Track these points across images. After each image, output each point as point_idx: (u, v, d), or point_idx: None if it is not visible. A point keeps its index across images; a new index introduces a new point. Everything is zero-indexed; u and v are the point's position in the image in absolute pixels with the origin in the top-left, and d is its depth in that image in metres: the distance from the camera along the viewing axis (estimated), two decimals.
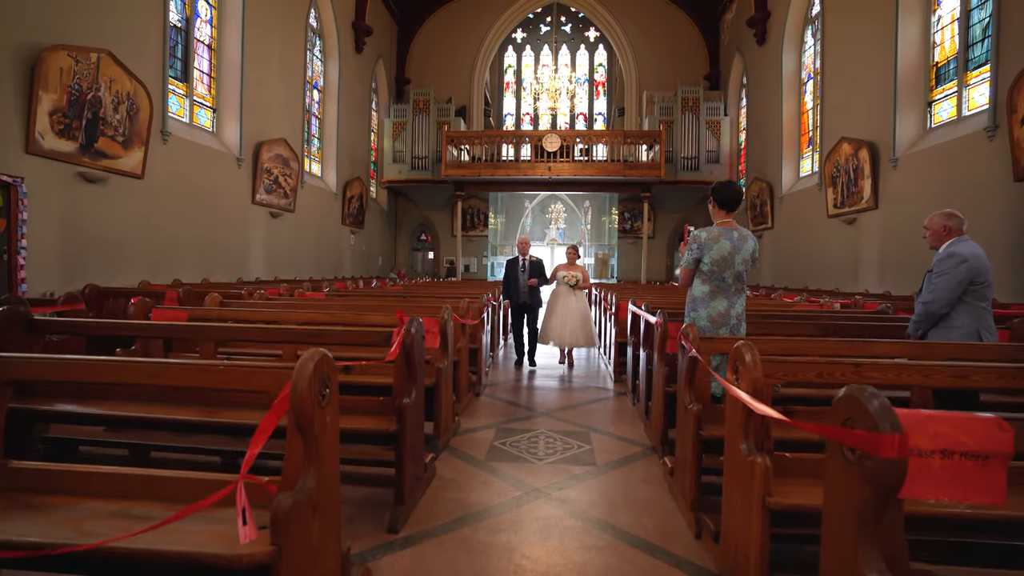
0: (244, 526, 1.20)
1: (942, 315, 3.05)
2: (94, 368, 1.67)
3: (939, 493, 1.13)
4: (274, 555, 1.25)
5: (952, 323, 3.04)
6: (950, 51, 8.73)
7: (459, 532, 2.33)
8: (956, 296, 3.00)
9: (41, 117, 6.43)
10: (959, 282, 2.99)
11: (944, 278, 3.01)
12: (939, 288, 3.00)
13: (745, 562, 1.76)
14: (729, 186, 3.12)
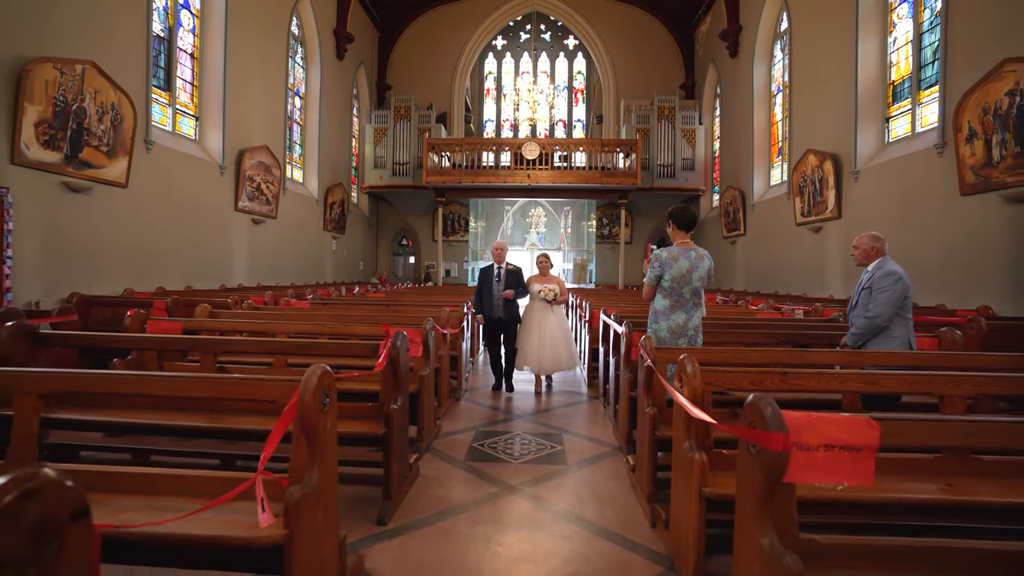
0: (263, 513, 1.45)
1: (882, 328, 3.41)
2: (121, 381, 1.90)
3: (823, 478, 1.44)
4: (287, 537, 1.51)
5: (891, 334, 3.39)
6: (905, 71, 9.27)
7: (441, 524, 2.59)
8: (895, 310, 3.36)
9: (26, 128, 6.51)
10: (898, 297, 3.35)
11: (885, 294, 3.36)
12: (883, 303, 3.35)
13: (687, 544, 2.06)
14: (685, 210, 3.45)
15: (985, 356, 2.83)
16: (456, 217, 20.59)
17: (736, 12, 15.44)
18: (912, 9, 9.04)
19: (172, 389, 1.90)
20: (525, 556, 2.34)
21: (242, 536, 1.47)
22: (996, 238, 6.82)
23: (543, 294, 5.54)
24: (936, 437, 1.66)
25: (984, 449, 2.10)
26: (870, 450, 1.44)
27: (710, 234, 17.81)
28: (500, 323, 5.63)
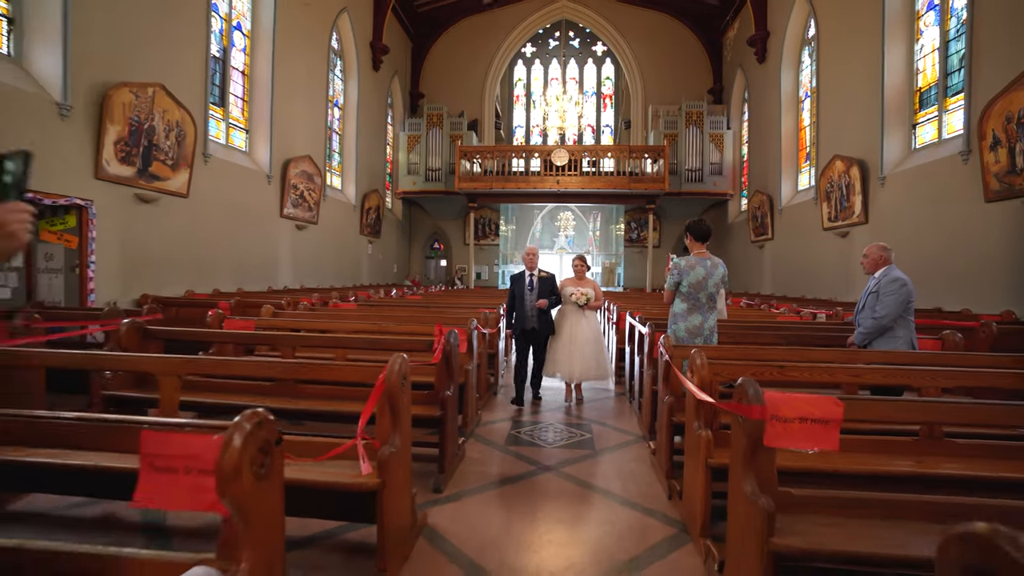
0: (365, 463, 1.92)
1: (888, 328, 3.74)
2: (245, 365, 2.41)
3: (796, 444, 1.84)
4: (380, 485, 1.98)
5: (895, 335, 3.72)
6: (931, 78, 9.37)
7: (486, 494, 3.05)
8: (899, 312, 3.69)
9: (107, 146, 7.26)
10: (902, 301, 3.68)
11: (891, 297, 3.69)
12: (889, 306, 3.68)
13: (696, 508, 2.46)
14: (701, 224, 3.84)
15: (977, 356, 3.14)
16: (487, 221, 21.13)
17: (764, 18, 15.57)
18: (939, 17, 9.14)
19: (287, 372, 2.40)
20: (559, 520, 2.77)
21: (349, 482, 1.94)
22: (1020, 244, 6.94)
23: (575, 298, 5.20)
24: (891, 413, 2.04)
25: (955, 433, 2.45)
26: (836, 422, 1.83)
27: (738, 238, 17.91)
28: (533, 334, 5.27)
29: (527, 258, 5.50)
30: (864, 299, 3.85)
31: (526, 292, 5.29)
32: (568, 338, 5.26)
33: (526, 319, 5.25)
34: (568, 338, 5.26)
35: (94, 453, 1.82)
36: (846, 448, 2.33)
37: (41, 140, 6.42)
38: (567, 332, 5.29)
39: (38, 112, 6.43)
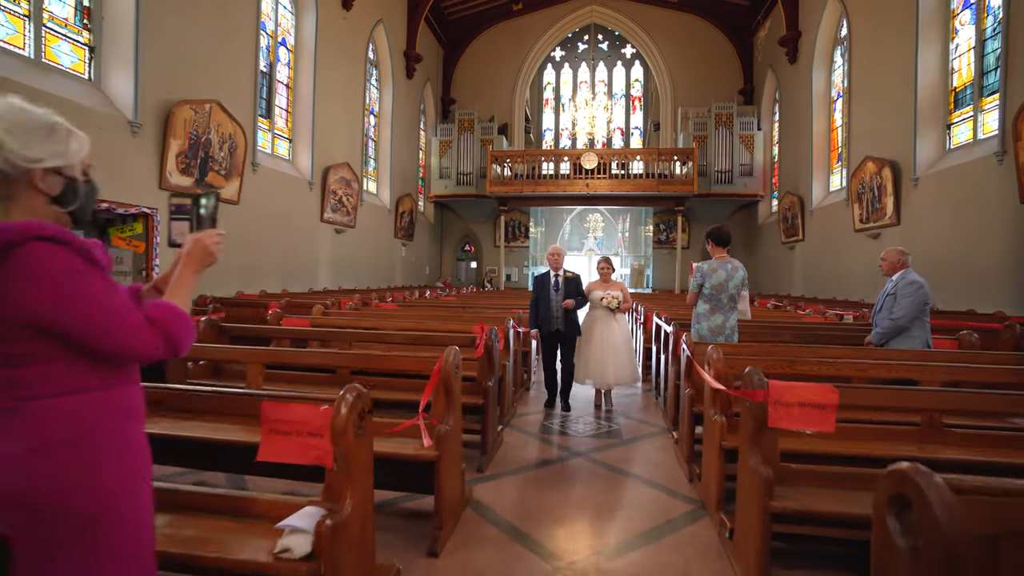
0: (426, 438, 2.29)
1: (905, 328, 3.94)
2: (320, 356, 2.82)
3: (797, 426, 2.13)
4: (438, 456, 2.34)
5: (911, 335, 3.93)
6: (967, 77, 9.31)
7: (523, 474, 3.39)
8: (916, 313, 3.90)
9: (170, 159, 7.89)
10: (919, 302, 3.89)
11: (909, 300, 3.90)
12: (906, 307, 3.89)
13: (712, 487, 2.75)
14: (721, 230, 4.11)
15: (981, 354, 3.33)
16: (517, 224, 21.49)
17: (795, 19, 15.51)
18: (974, 16, 9.09)
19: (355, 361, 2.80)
20: (589, 496, 3.09)
21: (415, 453, 2.31)
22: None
23: (606, 301, 5.05)
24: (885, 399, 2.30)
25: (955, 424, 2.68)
26: (832, 407, 2.11)
27: (768, 239, 17.83)
28: (558, 336, 5.15)
29: (551, 258, 5.35)
30: (882, 301, 4.05)
31: (551, 293, 5.14)
32: (599, 343, 5.10)
33: (551, 320, 5.10)
34: (599, 343, 5.10)
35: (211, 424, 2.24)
36: (850, 436, 2.58)
37: (116, 155, 7.06)
38: (598, 336, 5.12)
39: (113, 130, 7.07)
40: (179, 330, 1.19)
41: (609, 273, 5.35)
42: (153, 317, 1.16)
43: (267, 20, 10.84)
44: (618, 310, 5.11)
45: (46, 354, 1.09)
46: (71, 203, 1.21)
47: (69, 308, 1.07)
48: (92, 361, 1.13)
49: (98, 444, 1.14)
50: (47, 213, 1.16)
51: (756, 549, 2.04)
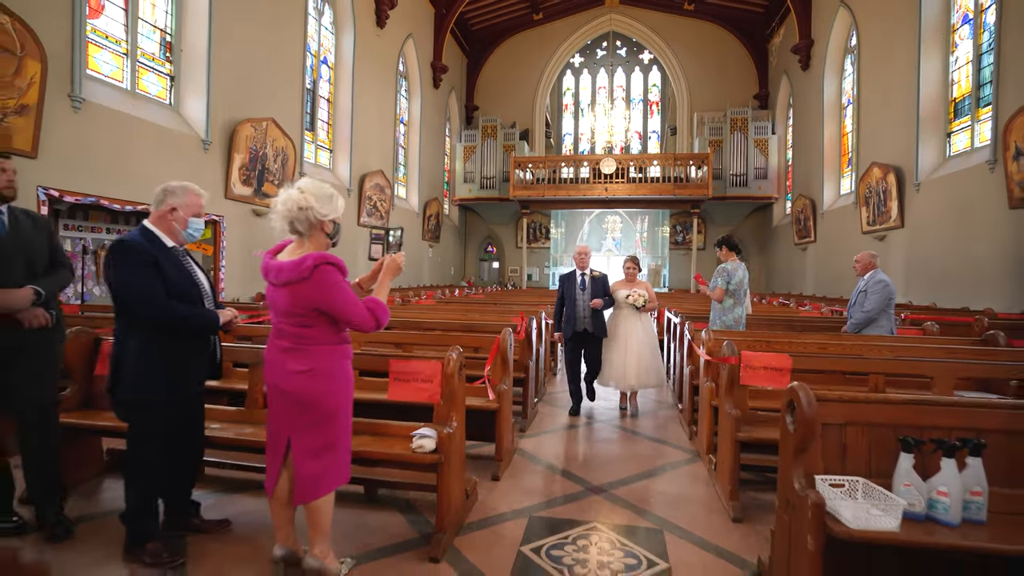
0: (491, 392, 3.15)
1: (873, 320, 4.70)
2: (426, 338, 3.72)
3: (761, 383, 2.95)
4: (499, 407, 3.20)
5: (880, 324, 4.68)
6: (965, 89, 9.90)
7: (555, 434, 4.25)
8: (883, 307, 4.65)
9: (234, 172, 8.91)
10: (886, 298, 4.65)
11: (877, 296, 4.66)
12: (876, 302, 4.65)
13: (704, 437, 3.56)
14: (731, 237, 4.98)
15: (938, 339, 4.08)
16: (538, 225, 22.33)
17: (808, 27, 16.07)
18: (972, 31, 9.68)
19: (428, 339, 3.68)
20: (609, 448, 3.93)
21: (481, 404, 3.17)
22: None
23: (631, 299, 4.95)
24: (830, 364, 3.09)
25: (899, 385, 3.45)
26: (786, 370, 2.92)
27: (782, 241, 18.40)
28: (585, 337, 5.01)
29: (578, 257, 5.21)
30: (855, 297, 4.81)
31: (577, 292, 5.02)
32: (623, 343, 4.98)
33: (577, 320, 4.97)
34: (623, 343, 4.98)
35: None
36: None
37: (191, 170, 8.07)
38: (622, 337, 5.02)
39: (189, 147, 8.09)
40: (381, 314, 2.08)
41: (635, 272, 5.25)
42: (369, 307, 2.05)
43: (311, 41, 11.85)
44: (643, 309, 5.01)
45: (320, 323, 2.00)
46: (335, 237, 2.11)
47: (335, 302, 1.97)
48: (338, 328, 2.04)
49: (338, 371, 2.05)
50: (324, 244, 2.07)
51: (729, 470, 2.86)
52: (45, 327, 2.47)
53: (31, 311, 2.40)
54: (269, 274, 2.07)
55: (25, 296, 2.36)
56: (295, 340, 2.03)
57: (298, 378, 2.00)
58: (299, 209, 2.04)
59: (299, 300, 1.99)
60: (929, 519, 1.76)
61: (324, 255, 2.00)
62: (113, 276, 2.13)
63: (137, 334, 2.14)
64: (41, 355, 2.50)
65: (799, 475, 1.89)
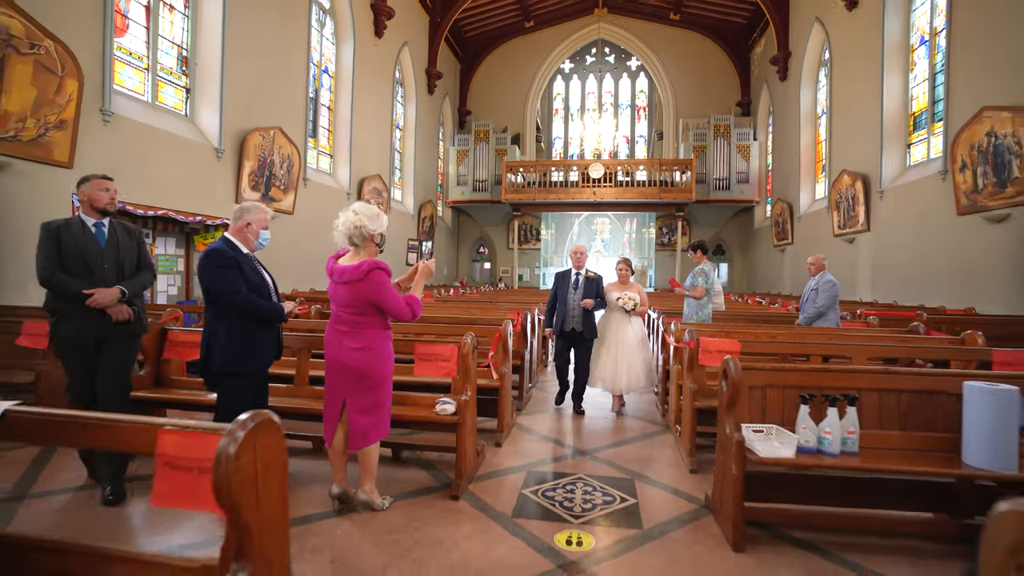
0: (495, 372, 3.80)
1: (823, 314, 5.41)
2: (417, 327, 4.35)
3: (715, 363, 3.63)
4: (501, 385, 3.85)
5: (828, 318, 5.41)
6: (923, 104, 10.72)
7: (547, 414, 4.90)
8: (831, 304, 5.38)
9: (244, 178, 9.46)
10: (834, 296, 5.37)
11: (826, 293, 5.38)
12: (825, 299, 5.37)
13: (673, 411, 4.24)
14: (704, 243, 5.65)
15: (874, 329, 4.79)
16: (528, 227, 23.00)
17: (786, 39, 16.91)
18: (928, 51, 10.50)
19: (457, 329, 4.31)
20: (593, 426, 4.59)
21: (486, 383, 3.82)
22: (983, 251, 8.33)
23: (622, 302, 4.94)
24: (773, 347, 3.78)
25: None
26: (736, 352, 3.61)
27: (762, 242, 19.23)
28: (574, 337, 5.03)
29: (574, 256, 5.21)
30: (807, 294, 5.54)
31: (570, 291, 5.03)
32: (614, 346, 5.00)
33: (567, 319, 5.01)
34: (614, 346, 5.00)
35: None
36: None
37: (205, 176, 8.64)
38: (612, 339, 5.03)
39: (203, 156, 8.65)
40: (417, 308, 2.73)
41: (627, 275, 5.24)
42: (408, 301, 2.70)
43: (314, 52, 12.41)
44: (633, 312, 5.00)
45: (371, 312, 2.65)
46: (382, 247, 2.74)
47: (383, 297, 2.62)
48: (384, 317, 2.69)
49: (384, 349, 2.70)
50: (374, 252, 2.71)
51: (689, 434, 3.54)
52: (128, 321, 3.06)
53: (117, 307, 2.99)
54: (334, 275, 2.71)
55: (113, 294, 2.95)
56: (351, 325, 2.68)
57: (354, 353, 2.65)
58: (355, 227, 2.68)
59: (356, 295, 2.63)
60: (818, 451, 2.44)
61: (376, 261, 2.64)
62: (206, 276, 2.74)
63: (224, 321, 2.75)
64: (122, 345, 3.09)
65: (730, 423, 2.57)
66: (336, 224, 2.74)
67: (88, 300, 2.82)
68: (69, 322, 2.86)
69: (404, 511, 2.82)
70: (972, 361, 3.63)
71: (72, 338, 2.86)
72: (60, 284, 2.82)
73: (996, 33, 8.12)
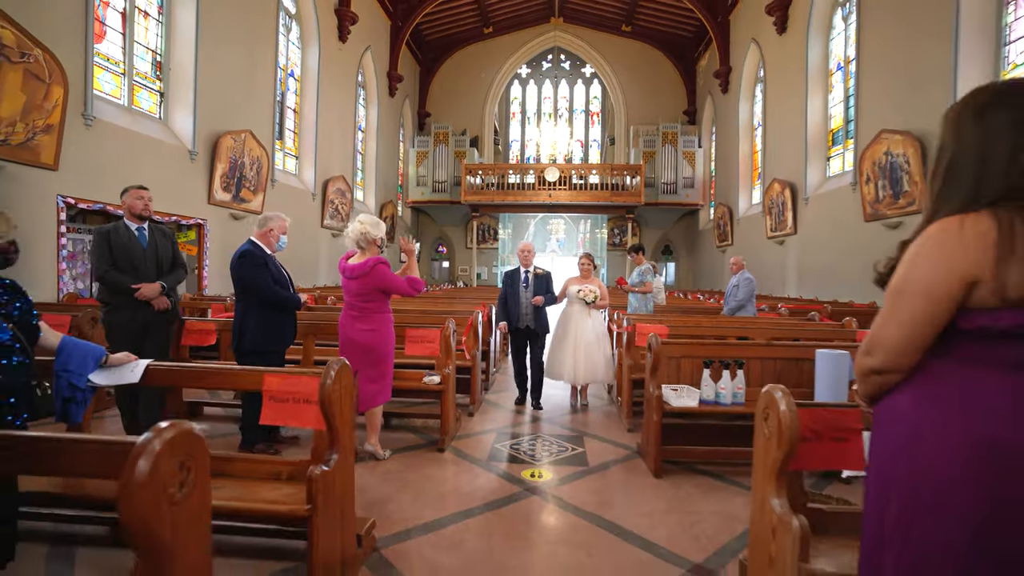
0: (467, 353, 4.53)
1: (743, 306, 6.41)
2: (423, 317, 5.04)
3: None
4: (473, 365, 4.60)
5: (747, 309, 6.41)
6: (839, 123, 12.10)
7: (510, 392, 5.67)
8: (749, 298, 6.38)
9: (216, 180, 9.81)
10: (752, 291, 6.37)
11: (746, 288, 6.38)
12: (745, 294, 6.36)
13: (617, 388, 5.09)
14: (642, 245, 6.55)
15: (783, 318, 5.80)
16: (487, 227, 23.73)
17: (727, 55, 18.27)
18: (843, 76, 11.87)
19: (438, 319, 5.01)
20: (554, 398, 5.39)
21: (464, 364, 4.54)
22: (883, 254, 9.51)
23: (582, 294, 5.08)
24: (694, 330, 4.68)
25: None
26: (664, 333, 4.48)
27: (706, 243, 20.64)
28: (527, 332, 5.12)
29: (522, 255, 5.32)
30: (730, 290, 6.54)
31: (520, 289, 5.13)
32: (572, 339, 5.09)
33: (520, 317, 5.08)
34: (572, 339, 5.09)
35: None
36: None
37: (178, 178, 8.96)
38: (572, 333, 5.12)
39: (177, 158, 8.98)
40: (418, 284, 3.44)
41: (589, 269, 5.37)
42: (408, 281, 3.40)
43: (281, 56, 12.74)
44: (594, 305, 5.12)
45: (377, 299, 3.35)
46: (383, 248, 3.44)
47: (388, 283, 3.33)
48: (386, 303, 3.39)
49: (387, 329, 3.41)
50: (376, 251, 3.39)
51: (627, 400, 4.39)
52: (166, 310, 3.65)
53: (159, 299, 3.57)
54: (346, 272, 3.38)
55: (156, 288, 3.54)
56: (361, 311, 3.36)
57: (364, 333, 3.33)
58: (361, 234, 3.37)
59: (365, 286, 3.32)
60: (715, 402, 3.31)
61: (379, 257, 3.34)
62: (242, 272, 3.37)
63: (254, 308, 3.38)
64: (162, 330, 3.68)
65: (653, 384, 3.41)
66: (347, 232, 3.42)
67: (136, 293, 3.40)
68: (121, 312, 3.42)
69: (401, 460, 3.53)
70: (848, 339, 4.63)
71: (124, 325, 3.42)
72: (113, 280, 3.38)
73: (893, 66, 9.44)
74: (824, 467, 1.76)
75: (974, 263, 0.96)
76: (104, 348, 2.08)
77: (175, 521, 1.09)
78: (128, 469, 1.02)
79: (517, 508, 2.86)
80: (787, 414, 1.61)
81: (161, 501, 1.06)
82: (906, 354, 1.05)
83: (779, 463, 1.62)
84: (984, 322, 0.97)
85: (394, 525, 2.60)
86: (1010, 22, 7.42)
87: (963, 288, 0.97)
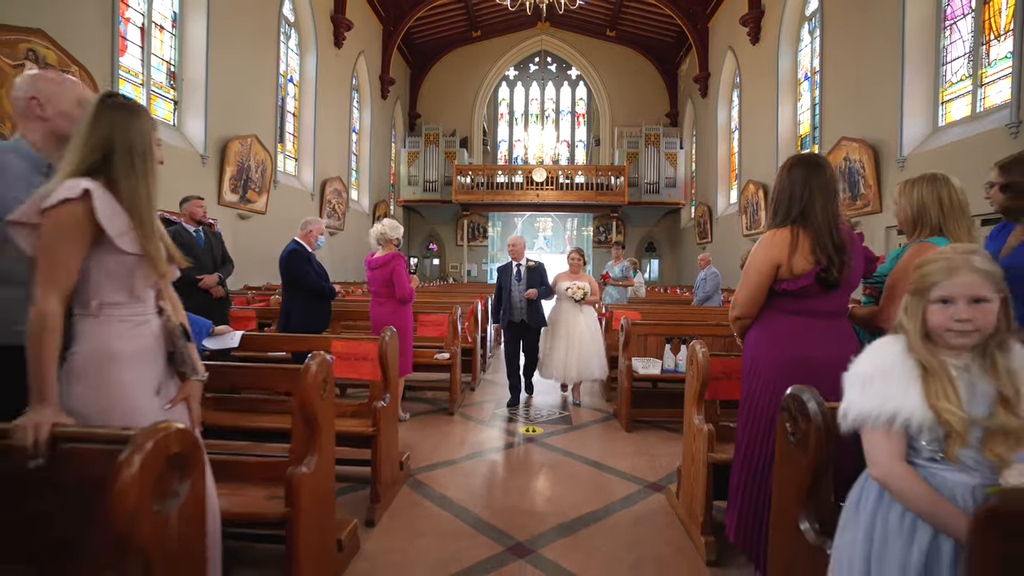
0: (469, 336, 5.28)
1: (710, 297, 7.25)
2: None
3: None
4: (473, 348, 5.36)
5: (714, 301, 7.24)
6: (807, 129, 13.02)
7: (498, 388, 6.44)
8: (715, 290, 7.22)
9: (225, 182, 10.43)
10: (717, 284, 7.22)
11: (712, 282, 7.22)
12: (712, 287, 7.20)
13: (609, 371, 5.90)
14: (623, 243, 7.34)
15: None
16: (476, 225, 24.46)
17: (706, 61, 19.14)
18: (810, 86, 12.78)
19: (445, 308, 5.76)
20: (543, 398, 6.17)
21: (467, 346, 5.30)
22: None
23: (571, 292, 5.03)
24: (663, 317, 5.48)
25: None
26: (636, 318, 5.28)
27: (688, 241, 21.57)
28: (522, 328, 5.04)
29: (511, 249, 5.23)
30: (698, 283, 7.37)
31: (513, 283, 5.05)
32: (564, 337, 5.02)
33: (514, 310, 5.00)
34: (564, 337, 5.02)
35: None
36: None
37: (191, 181, 9.56)
38: (563, 330, 5.05)
39: (189, 162, 9.60)
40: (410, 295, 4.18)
41: (579, 265, 5.33)
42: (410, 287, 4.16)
43: (281, 63, 13.34)
44: (583, 302, 5.07)
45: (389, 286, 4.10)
46: (399, 246, 4.19)
47: (397, 275, 4.09)
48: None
49: (406, 313, 4.17)
50: (392, 248, 4.15)
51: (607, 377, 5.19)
52: (222, 298, 4.36)
53: (216, 288, 4.29)
54: (370, 264, 4.12)
55: (214, 279, 4.25)
56: (384, 297, 4.10)
57: (387, 316, 4.08)
58: (381, 234, 4.11)
59: (384, 275, 4.06)
60: (675, 371, 4.11)
61: (397, 253, 4.08)
62: (292, 267, 4.10)
63: (299, 297, 4.11)
64: (217, 315, 4.37)
65: (624, 357, 4.21)
66: (371, 232, 4.16)
67: (199, 283, 4.11)
68: (187, 300, 4.12)
69: (418, 421, 4.30)
70: None
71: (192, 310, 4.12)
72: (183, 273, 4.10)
73: (851, 78, 10.35)
74: (728, 397, 2.55)
75: (780, 255, 1.75)
76: (210, 321, 2.81)
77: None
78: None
79: (516, 452, 3.64)
80: (702, 360, 2.40)
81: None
82: (751, 306, 1.84)
83: (698, 392, 2.40)
84: (784, 287, 1.76)
85: (421, 461, 3.36)
86: (946, 44, 8.33)
87: (774, 268, 1.77)
